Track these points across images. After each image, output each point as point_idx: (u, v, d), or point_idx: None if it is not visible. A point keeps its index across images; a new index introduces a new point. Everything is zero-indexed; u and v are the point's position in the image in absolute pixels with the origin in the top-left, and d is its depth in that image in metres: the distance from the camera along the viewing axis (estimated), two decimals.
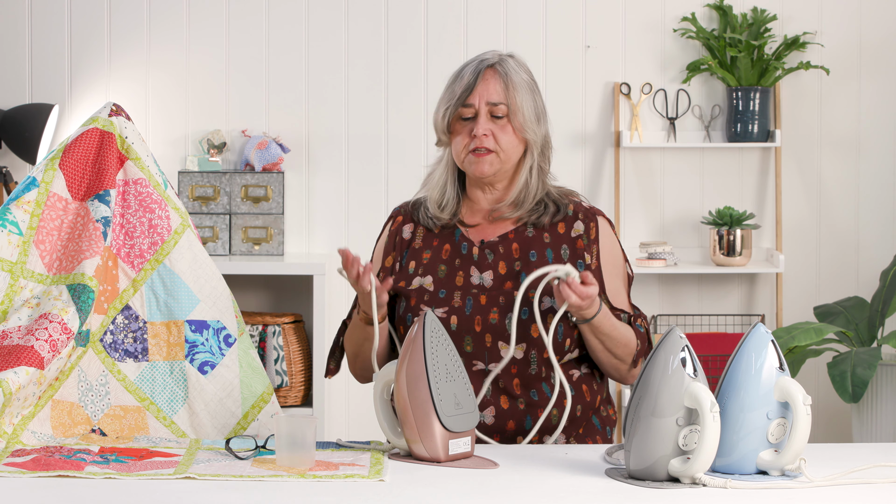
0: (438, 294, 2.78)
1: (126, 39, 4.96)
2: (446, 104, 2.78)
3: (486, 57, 2.80)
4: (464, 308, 2.76)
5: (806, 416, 2.33)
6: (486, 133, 2.75)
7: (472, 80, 2.76)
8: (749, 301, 5.07)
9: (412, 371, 2.47)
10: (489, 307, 2.75)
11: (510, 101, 2.75)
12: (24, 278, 2.69)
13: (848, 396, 4.44)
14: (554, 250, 2.78)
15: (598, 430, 2.84)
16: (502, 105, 2.75)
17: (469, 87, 2.75)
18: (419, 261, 2.84)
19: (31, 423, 2.62)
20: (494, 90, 2.75)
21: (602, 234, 2.82)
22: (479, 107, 2.75)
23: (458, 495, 2.25)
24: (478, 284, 2.79)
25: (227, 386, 2.78)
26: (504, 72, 2.76)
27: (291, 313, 4.83)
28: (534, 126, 2.78)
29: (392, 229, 2.91)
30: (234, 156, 4.98)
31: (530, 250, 2.79)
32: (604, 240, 2.82)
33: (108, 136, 2.81)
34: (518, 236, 2.81)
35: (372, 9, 4.97)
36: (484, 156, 2.76)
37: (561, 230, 2.81)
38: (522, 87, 2.77)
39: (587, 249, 2.79)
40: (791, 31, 5.00)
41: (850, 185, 5.06)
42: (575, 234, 2.80)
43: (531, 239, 2.81)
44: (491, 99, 2.75)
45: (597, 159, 5.02)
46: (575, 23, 5.01)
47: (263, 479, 2.33)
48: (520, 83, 2.77)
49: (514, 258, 2.79)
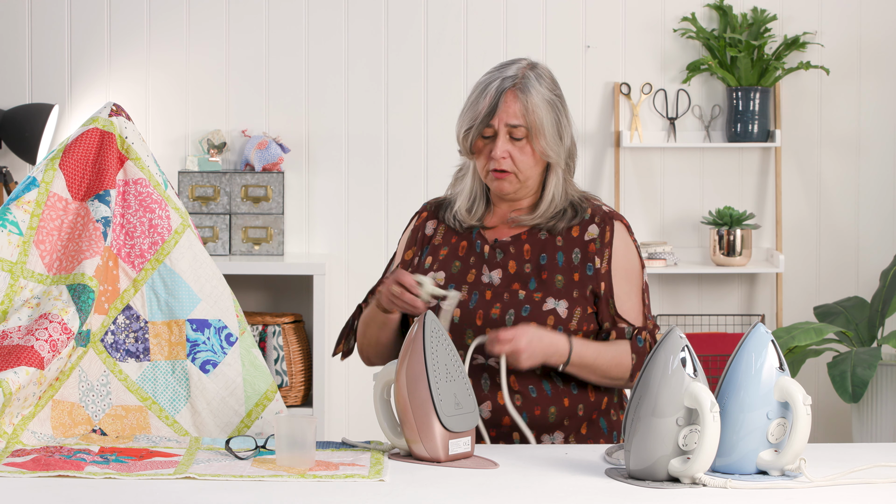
0: (447, 288, 2.79)
1: (126, 39, 4.96)
2: (469, 124, 2.78)
3: (509, 74, 2.77)
4: (468, 302, 2.78)
5: (806, 416, 2.33)
6: (504, 155, 2.76)
7: (495, 103, 2.75)
8: (749, 301, 5.07)
9: (412, 371, 2.47)
10: (492, 303, 2.77)
11: (529, 123, 2.75)
12: (24, 278, 2.69)
13: (848, 396, 4.44)
14: (566, 253, 2.79)
15: (603, 434, 2.82)
16: (521, 128, 2.75)
17: (491, 112, 2.75)
18: (436, 256, 2.87)
19: (31, 423, 2.62)
20: (514, 113, 2.75)
21: (617, 238, 2.81)
22: (499, 128, 2.76)
23: (458, 495, 2.25)
24: (486, 282, 2.80)
25: (230, 384, 2.79)
26: (525, 94, 2.75)
27: (291, 313, 4.83)
28: (555, 146, 2.78)
29: (416, 224, 2.94)
30: (234, 156, 4.98)
31: (542, 253, 2.80)
32: (618, 244, 2.81)
33: (109, 136, 2.80)
34: (530, 237, 2.82)
35: (372, 9, 4.97)
36: (503, 176, 2.78)
37: (575, 233, 2.81)
38: (542, 107, 2.76)
39: (598, 253, 2.79)
40: (791, 31, 5.00)
41: (850, 185, 5.06)
42: (588, 238, 2.80)
43: (544, 241, 2.81)
44: (510, 121, 2.75)
45: (597, 159, 5.02)
46: (575, 23, 5.01)
47: (263, 479, 2.33)
48: (540, 103, 2.75)
49: (525, 259, 2.80)
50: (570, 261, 2.78)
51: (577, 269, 2.78)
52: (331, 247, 4.99)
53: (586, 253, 2.79)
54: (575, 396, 2.78)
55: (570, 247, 2.80)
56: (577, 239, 2.80)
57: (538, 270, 2.77)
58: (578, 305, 2.76)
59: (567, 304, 2.75)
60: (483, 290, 2.79)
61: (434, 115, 4.96)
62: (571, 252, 2.79)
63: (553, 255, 2.79)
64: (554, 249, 2.80)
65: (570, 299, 2.75)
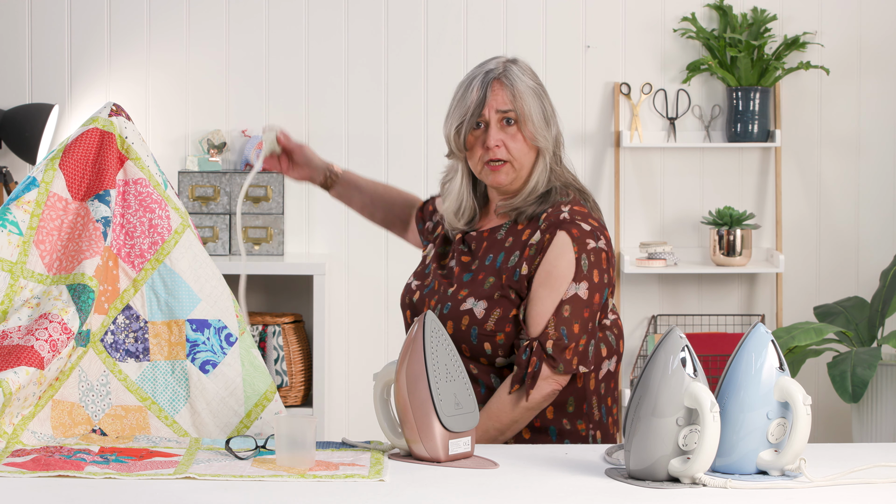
0: (426, 269, 2.92)
1: (126, 39, 4.96)
2: (459, 119, 2.79)
3: (491, 67, 2.80)
4: (427, 286, 2.87)
5: (806, 416, 2.33)
6: (499, 144, 2.77)
7: (483, 94, 2.77)
8: (749, 301, 5.07)
9: (412, 371, 2.47)
10: (434, 294, 2.84)
11: (518, 109, 2.77)
12: (24, 278, 2.69)
13: (848, 396, 4.44)
14: (507, 254, 2.80)
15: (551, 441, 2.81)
16: (512, 112, 2.77)
17: (481, 102, 2.77)
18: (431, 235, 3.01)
19: (31, 423, 2.62)
20: (503, 100, 2.77)
21: (553, 247, 2.74)
22: (490, 117, 2.77)
23: (458, 495, 2.25)
24: (450, 267, 2.86)
25: (230, 385, 2.78)
26: (510, 82, 2.78)
27: (291, 313, 4.83)
28: (544, 132, 2.80)
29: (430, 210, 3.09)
30: (234, 156, 4.98)
31: (489, 254, 2.81)
32: (552, 252, 2.74)
33: (108, 136, 2.80)
34: (490, 235, 2.84)
35: (372, 9, 4.97)
36: (499, 167, 2.79)
37: (524, 236, 2.80)
38: (529, 95, 2.78)
39: (530, 259, 2.77)
40: (791, 31, 5.00)
41: (850, 185, 5.06)
42: (530, 243, 2.78)
43: (498, 242, 2.82)
44: (500, 108, 2.76)
45: (597, 159, 5.02)
46: (575, 23, 5.01)
47: (263, 479, 2.33)
48: (525, 91, 2.78)
49: (477, 255, 2.83)
50: (506, 262, 2.79)
51: (506, 272, 2.78)
52: (331, 247, 4.99)
53: (521, 257, 2.78)
54: None
55: (513, 249, 2.80)
56: (523, 242, 2.79)
57: (480, 269, 2.81)
58: (499, 307, 2.75)
59: (486, 304, 2.75)
60: (436, 280, 2.86)
61: (434, 114, 4.96)
62: (511, 254, 2.79)
63: (497, 255, 2.81)
64: (500, 250, 2.81)
65: (491, 300, 2.76)
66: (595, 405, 2.82)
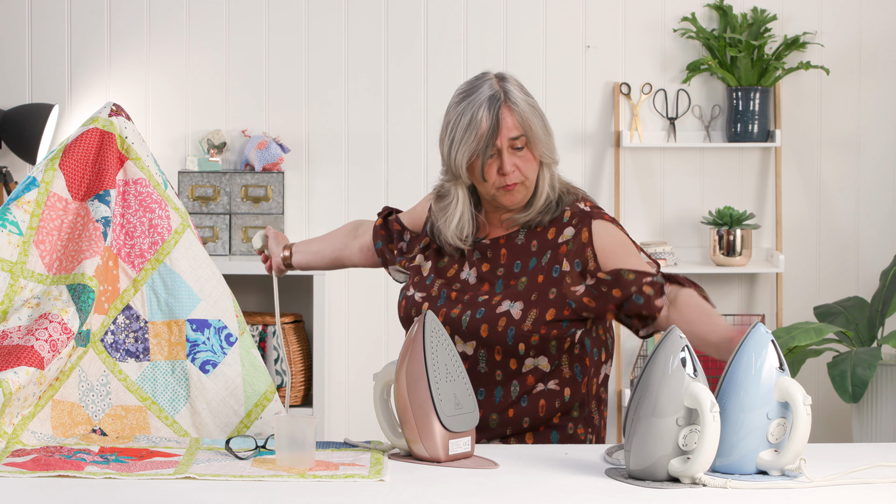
0: (426, 280, 2.86)
1: (126, 39, 4.96)
2: (471, 151, 2.77)
3: (490, 94, 2.75)
4: (438, 298, 2.82)
5: (806, 416, 2.33)
6: (513, 169, 2.78)
7: (493, 123, 2.76)
8: (749, 301, 5.07)
9: (412, 371, 2.47)
10: (455, 303, 2.80)
11: (526, 131, 2.77)
12: (24, 278, 2.69)
13: (848, 396, 4.44)
14: (538, 258, 2.80)
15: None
16: (521, 137, 2.77)
17: (494, 133, 2.76)
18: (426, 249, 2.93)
19: (31, 423, 2.62)
20: (511, 126, 2.76)
21: (597, 236, 2.80)
22: (502, 145, 2.77)
23: (458, 495, 2.25)
24: (463, 279, 2.83)
25: (230, 385, 2.79)
26: (514, 105, 2.77)
27: (291, 313, 4.84)
28: (549, 146, 2.81)
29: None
30: (234, 156, 4.98)
31: (516, 259, 2.81)
32: (600, 238, 2.80)
33: (108, 136, 2.81)
34: (508, 241, 2.83)
35: (372, 9, 4.98)
36: (513, 187, 2.79)
37: (550, 236, 2.81)
38: (531, 114, 2.78)
39: (577, 255, 2.78)
40: (791, 31, 5.00)
41: (850, 184, 5.06)
42: (562, 241, 2.80)
43: (520, 247, 2.82)
44: (510, 135, 2.76)
45: (597, 159, 5.02)
46: (575, 23, 5.01)
47: (263, 479, 2.33)
48: (528, 111, 2.78)
49: (499, 263, 2.82)
50: (539, 263, 2.79)
51: (542, 271, 2.78)
52: None
53: (556, 255, 2.79)
54: (525, 409, 2.78)
55: (542, 250, 2.80)
56: (552, 241, 2.80)
57: (508, 276, 2.80)
58: (536, 307, 2.75)
59: (522, 305, 2.75)
60: (450, 291, 2.82)
61: (434, 115, 4.96)
62: (543, 255, 2.80)
63: (526, 261, 2.81)
64: (528, 256, 2.81)
65: (528, 301, 2.76)
66: (595, 409, 2.84)
